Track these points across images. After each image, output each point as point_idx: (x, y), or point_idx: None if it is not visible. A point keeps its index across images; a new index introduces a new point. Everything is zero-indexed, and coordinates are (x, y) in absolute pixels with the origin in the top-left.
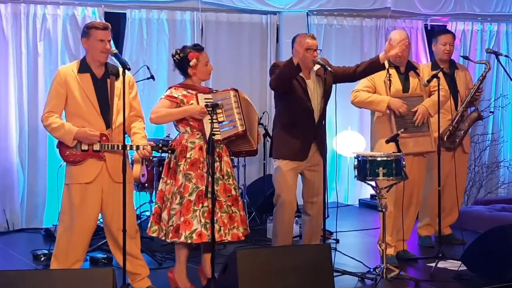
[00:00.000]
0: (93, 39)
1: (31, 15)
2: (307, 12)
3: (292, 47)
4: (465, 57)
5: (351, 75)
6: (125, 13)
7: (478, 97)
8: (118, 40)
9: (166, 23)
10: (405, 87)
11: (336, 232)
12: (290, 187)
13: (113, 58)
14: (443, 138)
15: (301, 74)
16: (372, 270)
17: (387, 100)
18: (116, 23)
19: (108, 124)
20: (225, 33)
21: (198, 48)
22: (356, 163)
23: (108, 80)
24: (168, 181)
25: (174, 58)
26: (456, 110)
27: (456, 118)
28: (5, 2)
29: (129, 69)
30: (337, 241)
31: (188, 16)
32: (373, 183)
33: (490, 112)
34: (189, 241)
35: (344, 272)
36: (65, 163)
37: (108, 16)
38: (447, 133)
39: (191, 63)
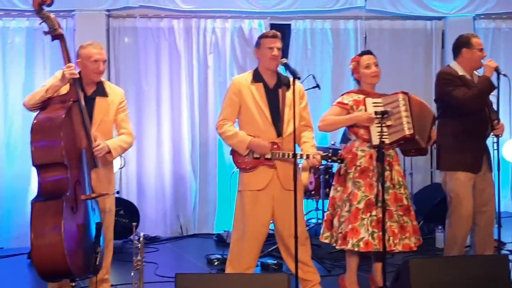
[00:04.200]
0: (263, 47)
1: (202, 29)
2: (473, 16)
3: (459, 48)
4: None
5: None
6: (289, 24)
7: None
8: (283, 50)
9: (330, 32)
10: None
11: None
12: (469, 200)
13: (284, 68)
14: None
15: None
16: None
17: None
18: (281, 34)
19: (279, 132)
20: (388, 41)
21: (360, 53)
22: None
23: (280, 90)
24: (339, 188)
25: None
26: None
27: None
28: (177, 18)
29: (299, 78)
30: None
31: (351, 25)
32: None
33: None
34: (356, 249)
35: None
36: (237, 170)
37: (273, 27)
38: None
39: (350, 67)
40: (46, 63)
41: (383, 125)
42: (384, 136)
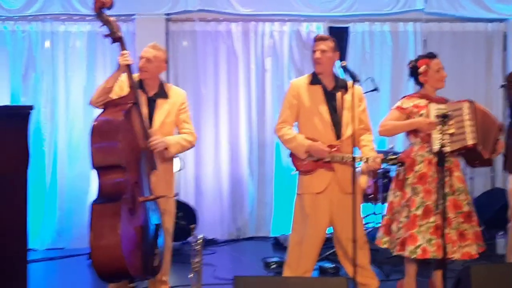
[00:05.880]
0: (312, 50)
1: (259, 32)
2: None
3: None
4: None
5: None
6: (348, 27)
7: None
8: (341, 53)
9: (389, 35)
10: None
11: None
12: None
13: (342, 70)
14: None
15: None
16: None
17: None
18: (339, 37)
19: (338, 135)
20: (448, 43)
21: (429, 55)
22: None
23: (338, 93)
24: (397, 193)
25: (408, 66)
26: None
27: None
28: (236, 21)
29: (358, 81)
30: None
31: (410, 27)
32: None
33: None
34: (413, 256)
35: None
36: (296, 172)
37: (331, 30)
38: None
39: (420, 70)
40: (107, 67)
41: (445, 132)
42: (445, 143)
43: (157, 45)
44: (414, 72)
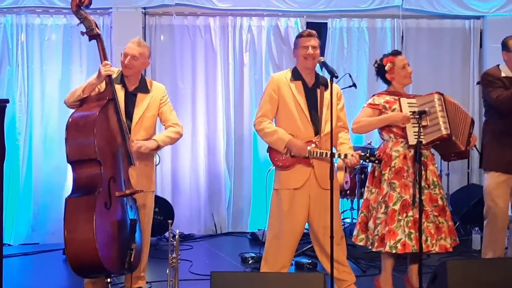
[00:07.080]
0: (299, 46)
1: (238, 27)
2: None
3: (501, 50)
4: None
5: None
6: (326, 23)
7: None
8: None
9: (367, 31)
10: None
11: None
12: (503, 199)
13: (320, 66)
14: None
15: None
16: None
17: None
18: (317, 33)
19: (317, 131)
20: (426, 40)
21: (393, 52)
22: None
23: (318, 90)
24: (373, 190)
25: (374, 66)
26: None
27: None
28: (213, 16)
29: (336, 77)
30: None
31: (388, 24)
32: None
33: None
34: (394, 251)
35: None
36: (273, 168)
37: (309, 26)
38: None
39: (386, 68)
40: (83, 60)
41: (420, 125)
42: (421, 135)
43: (141, 41)
44: (380, 71)
